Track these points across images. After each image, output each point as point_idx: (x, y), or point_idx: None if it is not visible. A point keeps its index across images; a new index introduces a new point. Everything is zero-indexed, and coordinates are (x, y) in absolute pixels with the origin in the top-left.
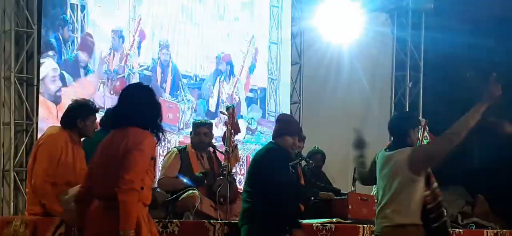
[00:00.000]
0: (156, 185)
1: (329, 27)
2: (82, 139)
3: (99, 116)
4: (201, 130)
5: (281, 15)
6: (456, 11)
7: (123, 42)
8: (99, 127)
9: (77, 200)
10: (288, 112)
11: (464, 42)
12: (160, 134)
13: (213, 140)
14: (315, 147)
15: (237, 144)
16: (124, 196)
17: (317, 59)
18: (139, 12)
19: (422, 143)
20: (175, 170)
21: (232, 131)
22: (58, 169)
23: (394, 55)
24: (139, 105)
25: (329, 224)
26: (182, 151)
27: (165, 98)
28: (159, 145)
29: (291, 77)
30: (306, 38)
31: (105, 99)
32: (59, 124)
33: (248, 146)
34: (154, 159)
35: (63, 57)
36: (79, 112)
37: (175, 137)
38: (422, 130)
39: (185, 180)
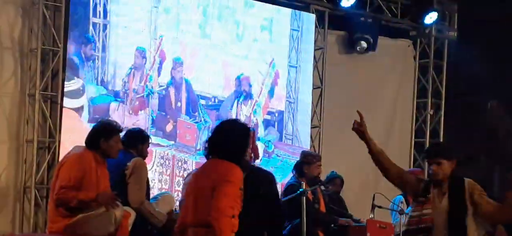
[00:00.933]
0: (178, 208)
1: (352, 52)
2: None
3: None
4: None
5: (300, 39)
6: (479, 39)
7: (145, 62)
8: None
9: (176, 232)
10: (308, 136)
11: (487, 70)
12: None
13: None
14: (333, 171)
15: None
16: (218, 223)
17: (339, 84)
18: (160, 32)
19: None
20: None
21: (252, 155)
22: (81, 188)
23: (416, 81)
24: (235, 141)
25: None
26: None
27: (181, 118)
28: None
29: (312, 101)
30: (328, 63)
31: (124, 119)
32: (83, 144)
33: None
34: (241, 190)
35: (85, 74)
36: (102, 132)
37: (192, 158)
38: None
39: None
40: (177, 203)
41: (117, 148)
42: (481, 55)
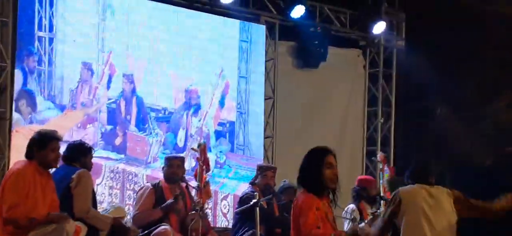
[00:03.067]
0: (130, 221)
1: (301, 63)
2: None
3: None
4: (174, 163)
5: (250, 49)
6: (426, 47)
7: (92, 75)
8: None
9: None
10: (261, 147)
11: (434, 78)
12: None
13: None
14: (285, 181)
15: (208, 180)
16: None
17: (291, 94)
18: (109, 46)
19: (383, 177)
20: (150, 205)
21: (204, 167)
22: (28, 203)
23: (366, 90)
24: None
25: None
26: (155, 186)
27: (131, 131)
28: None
29: (264, 112)
30: (280, 73)
31: (73, 133)
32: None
33: (216, 180)
34: (318, 209)
35: (32, 89)
36: (36, 142)
37: (143, 171)
38: (382, 165)
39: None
40: (129, 216)
41: (54, 156)
42: (429, 62)
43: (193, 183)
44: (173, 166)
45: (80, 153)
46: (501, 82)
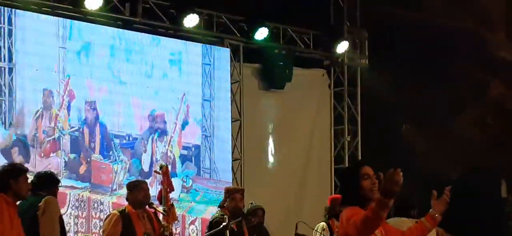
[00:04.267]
0: None
1: (266, 84)
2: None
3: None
4: (144, 186)
5: (213, 72)
6: (390, 65)
7: (53, 102)
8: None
9: None
10: (228, 169)
11: (399, 95)
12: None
13: None
14: (252, 203)
15: (173, 203)
16: None
17: (257, 116)
18: (69, 72)
19: None
20: (118, 233)
21: (168, 189)
22: None
23: (332, 109)
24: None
25: None
26: (122, 213)
27: (95, 158)
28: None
29: (231, 134)
30: (245, 95)
31: (35, 163)
32: None
33: (184, 204)
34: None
35: None
36: (11, 173)
37: (109, 198)
38: None
39: None
40: None
41: (27, 188)
42: (393, 79)
43: (160, 208)
44: (144, 190)
45: (49, 182)
46: (466, 96)
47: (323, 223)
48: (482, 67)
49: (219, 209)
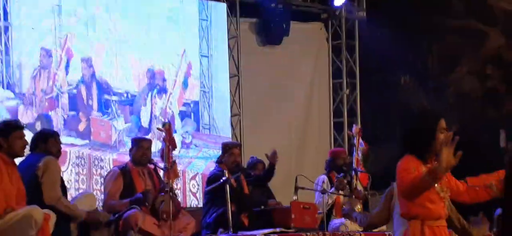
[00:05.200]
0: (101, 207)
1: (266, 39)
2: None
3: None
4: (144, 144)
5: (210, 28)
6: (387, 18)
7: (51, 61)
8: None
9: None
10: (227, 125)
11: (397, 48)
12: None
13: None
14: (253, 157)
15: (175, 160)
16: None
17: (255, 71)
18: (65, 30)
19: (358, 151)
20: (119, 189)
21: (170, 146)
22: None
23: (330, 63)
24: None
25: (272, 234)
26: (123, 170)
27: (94, 116)
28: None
29: (230, 90)
30: (243, 51)
31: (35, 121)
32: None
33: (183, 160)
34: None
35: None
36: (2, 131)
37: (109, 155)
38: (357, 137)
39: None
40: (99, 202)
41: (21, 145)
42: (390, 33)
43: (161, 164)
44: (143, 148)
45: (39, 140)
46: (460, 50)
47: (323, 176)
48: (482, 18)
49: (216, 164)
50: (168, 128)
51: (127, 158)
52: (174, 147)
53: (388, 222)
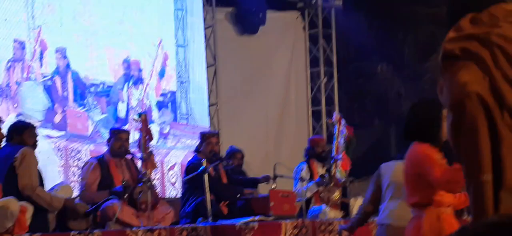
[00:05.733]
0: (77, 198)
1: (242, 28)
2: None
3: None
4: (122, 136)
5: (186, 18)
6: (364, 7)
7: (25, 53)
8: (5, 142)
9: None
10: (205, 115)
11: (373, 36)
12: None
13: None
14: (232, 146)
15: (152, 150)
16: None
17: (232, 61)
18: (38, 22)
19: (339, 138)
20: (96, 180)
21: (147, 137)
22: None
23: (307, 52)
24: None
25: (251, 222)
26: (100, 161)
27: (70, 107)
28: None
29: (207, 79)
30: (220, 40)
31: (9, 113)
32: None
33: (161, 151)
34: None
35: None
36: None
37: (86, 146)
38: (338, 125)
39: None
40: (75, 193)
41: None
42: (366, 21)
43: (138, 154)
44: (121, 140)
45: (15, 132)
46: (436, 38)
47: (304, 163)
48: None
49: (195, 153)
50: (144, 118)
51: (104, 149)
52: (151, 138)
53: (379, 204)
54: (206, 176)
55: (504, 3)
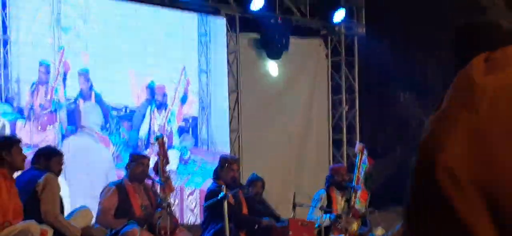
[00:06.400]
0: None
1: (263, 54)
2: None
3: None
4: (144, 161)
5: (209, 43)
6: (387, 34)
7: (49, 75)
8: (30, 164)
9: None
10: (226, 140)
11: (396, 64)
12: None
13: None
14: (253, 174)
15: (169, 174)
16: None
17: (255, 87)
18: (64, 45)
19: (360, 169)
20: (113, 205)
21: (164, 160)
22: None
23: (329, 79)
24: None
25: None
26: (118, 186)
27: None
28: None
29: (229, 105)
30: (242, 66)
31: (32, 136)
32: None
33: (182, 176)
34: None
35: None
36: (2, 145)
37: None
38: (360, 155)
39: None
40: (94, 219)
41: (22, 158)
42: (390, 48)
43: (157, 179)
44: (143, 165)
45: (44, 156)
46: (463, 64)
47: (322, 190)
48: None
49: (214, 180)
50: (161, 142)
51: (123, 173)
52: (168, 161)
53: None
54: (225, 203)
55: None
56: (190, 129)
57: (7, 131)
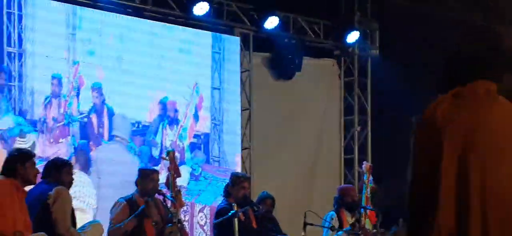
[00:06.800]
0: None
1: (278, 74)
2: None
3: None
4: (155, 176)
5: (223, 61)
6: (400, 56)
7: (62, 88)
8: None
9: None
10: (237, 158)
11: (409, 86)
12: None
13: None
14: (264, 192)
15: (180, 189)
16: None
17: (267, 105)
18: (78, 59)
19: (368, 188)
20: (123, 220)
21: (174, 174)
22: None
23: (342, 99)
24: None
25: None
26: (129, 201)
27: (104, 145)
28: None
29: (241, 123)
30: (255, 85)
31: (45, 148)
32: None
33: (193, 192)
34: None
35: (1, 105)
36: (18, 158)
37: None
38: (367, 174)
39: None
40: (106, 233)
41: (34, 173)
42: (403, 71)
43: (168, 195)
44: (154, 181)
45: (55, 168)
46: None
47: (333, 213)
48: None
49: (224, 197)
50: (172, 156)
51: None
52: (178, 175)
53: None
54: (235, 221)
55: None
56: (202, 145)
57: (37, 150)
